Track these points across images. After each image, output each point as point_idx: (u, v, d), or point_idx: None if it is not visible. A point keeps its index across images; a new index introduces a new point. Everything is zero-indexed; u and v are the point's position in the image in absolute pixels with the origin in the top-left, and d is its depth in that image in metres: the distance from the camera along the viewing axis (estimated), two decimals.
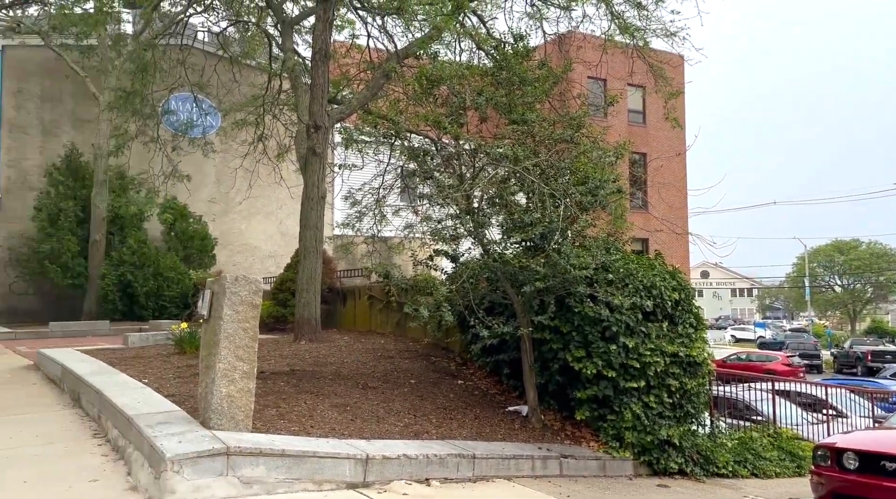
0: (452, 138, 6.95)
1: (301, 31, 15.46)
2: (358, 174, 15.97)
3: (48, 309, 19.80)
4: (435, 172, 7.54)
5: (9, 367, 10.21)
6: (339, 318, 14.32)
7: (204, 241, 21.57)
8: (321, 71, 10.62)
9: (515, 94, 7.30)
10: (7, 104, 20.35)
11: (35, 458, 5.38)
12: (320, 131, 10.76)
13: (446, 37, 10.94)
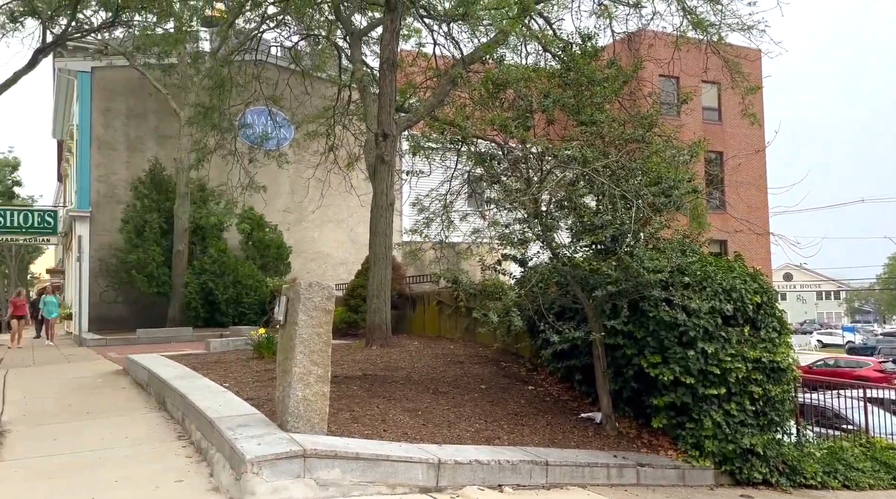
0: (519, 142, 6.91)
1: (369, 42, 15.77)
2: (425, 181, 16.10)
3: (135, 316, 20.85)
4: (502, 177, 7.51)
5: (101, 372, 10.80)
6: (408, 323, 14.46)
7: (279, 249, 22.24)
8: (388, 80, 10.78)
9: (584, 95, 7.19)
10: (96, 122, 21.61)
11: (125, 459, 5.65)
12: (388, 139, 10.91)
13: (512, 40, 10.92)
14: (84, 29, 15.75)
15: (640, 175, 6.92)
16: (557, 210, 7.37)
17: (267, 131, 14.76)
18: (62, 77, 22.55)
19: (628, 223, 6.58)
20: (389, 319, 11.32)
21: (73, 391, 8.99)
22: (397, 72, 11.24)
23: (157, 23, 15.20)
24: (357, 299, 14.73)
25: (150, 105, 22.17)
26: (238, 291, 20.25)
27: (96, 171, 21.61)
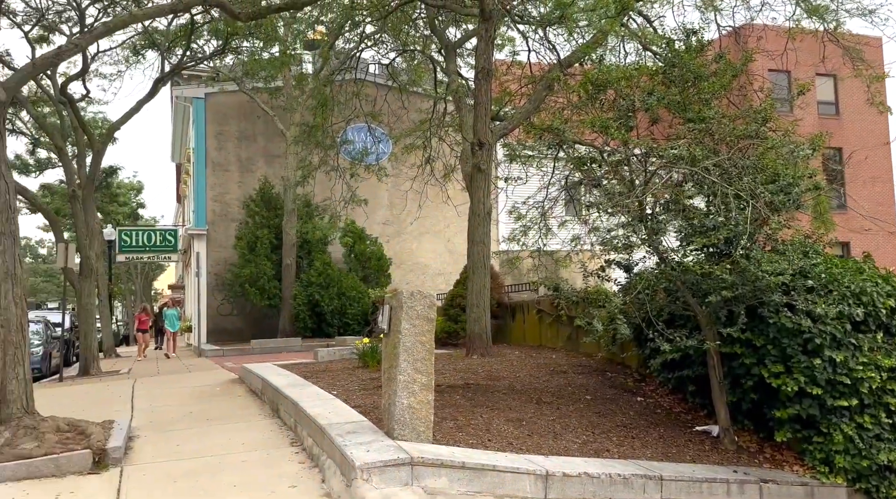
0: (621, 143, 6.69)
1: (463, 54, 15.91)
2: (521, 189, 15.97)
3: (249, 328, 21.93)
4: (603, 180, 7.29)
5: (219, 381, 11.38)
6: (508, 332, 14.34)
7: (380, 261, 22.75)
8: (484, 89, 10.80)
9: (690, 92, 6.87)
10: (210, 145, 23.01)
11: (242, 464, 5.89)
12: (484, 148, 10.90)
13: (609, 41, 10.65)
14: (197, 57, 16.83)
15: (755, 173, 6.51)
16: (664, 212, 7.07)
17: (367, 146, 15.18)
18: (179, 104, 24.20)
19: (743, 224, 6.20)
20: (490, 328, 11.27)
21: (194, 399, 9.51)
22: (492, 81, 11.23)
23: (263, 48, 16.00)
24: (456, 309, 14.78)
25: (258, 127, 23.37)
26: (342, 303, 20.87)
27: (211, 191, 22.98)
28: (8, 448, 5.85)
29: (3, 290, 6.33)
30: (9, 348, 6.34)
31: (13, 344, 6.36)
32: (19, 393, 6.36)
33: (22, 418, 6.28)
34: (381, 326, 6.23)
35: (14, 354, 6.36)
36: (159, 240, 27.62)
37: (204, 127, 22.93)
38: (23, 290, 6.51)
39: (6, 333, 6.33)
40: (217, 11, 15.34)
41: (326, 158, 14.15)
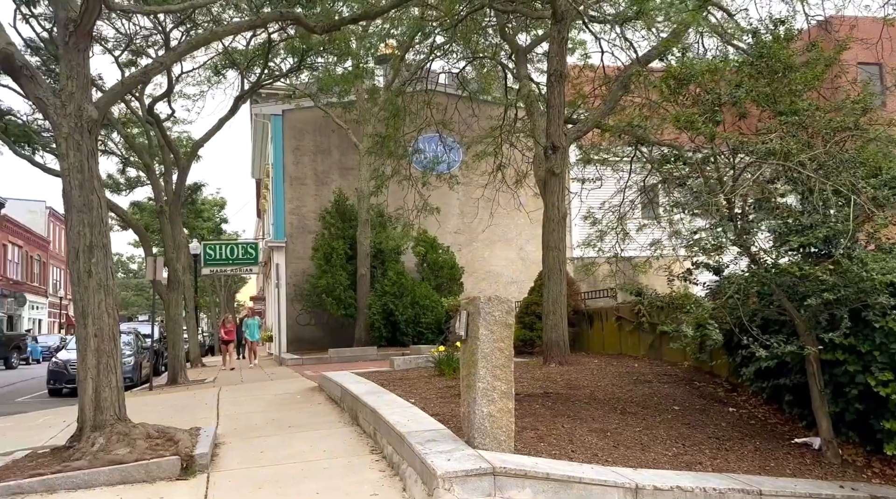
0: (707, 139, 6.36)
1: (532, 59, 15.74)
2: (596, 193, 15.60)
3: (326, 337, 22.33)
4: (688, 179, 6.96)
5: (300, 388, 11.57)
6: (585, 340, 13.98)
7: (452, 270, 22.74)
8: (557, 91, 10.60)
9: (780, 84, 6.47)
10: (288, 160, 23.66)
11: (324, 471, 5.90)
12: (558, 152, 10.68)
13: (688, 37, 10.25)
14: (275, 75, 17.34)
15: (855, 167, 6.05)
16: (755, 211, 6.67)
17: (438, 156, 15.19)
18: (258, 121, 25.04)
19: (843, 222, 5.76)
20: (567, 336, 10.99)
21: (276, 407, 9.69)
22: (565, 83, 11.01)
23: (336, 63, 16.32)
24: (531, 317, 14.54)
25: (333, 141, 23.89)
26: (416, 312, 20.95)
27: (289, 204, 23.62)
28: (102, 453, 6.07)
29: (96, 300, 6.61)
30: (102, 357, 6.60)
31: (106, 353, 6.62)
32: (112, 400, 6.61)
33: (115, 424, 6.52)
34: (458, 333, 6.13)
35: (107, 362, 6.61)
36: (241, 253, 28.56)
37: (282, 142, 23.62)
38: (114, 300, 6.78)
39: (99, 342, 6.60)
40: (293, 28, 15.79)
41: (399, 167, 14.25)
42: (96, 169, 6.71)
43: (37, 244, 57.35)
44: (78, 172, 6.54)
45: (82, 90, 6.50)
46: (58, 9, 6.44)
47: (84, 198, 6.57)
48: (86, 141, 6.56)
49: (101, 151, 19.88)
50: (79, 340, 6.70)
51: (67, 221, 6.67)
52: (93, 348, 6.58)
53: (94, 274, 6.62)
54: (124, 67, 16.70)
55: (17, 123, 16.02)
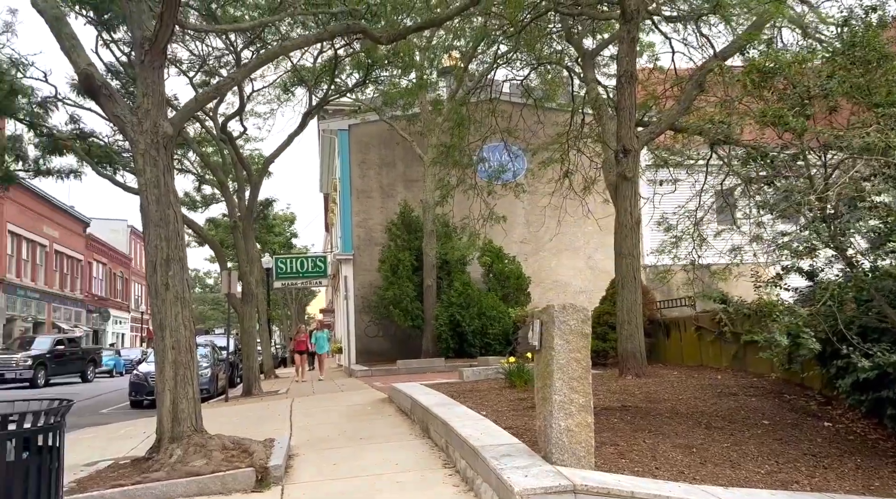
0: (796, 135, 5.94)
1: (598, 64, 15.41)
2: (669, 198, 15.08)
3: (394, 348, 22.39)
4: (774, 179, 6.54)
5: (369, 400, 11.56)
6: (662, 351, 13.44)
7: (519, 280, 22.44)
8: (627, 93, 10.27)
9: (874, 74, 6.01)
10: (354, 174, 23.99)
11: (396, 485, 5.78)
12: (630, 155, 10.33)
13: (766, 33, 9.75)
14: (341, 90, 17.60)
15: None
16: (849, 211, 6.20)
17: (503, 164, 15.01)
18: (325, 136, 25.52)
19: None
20: (644, 346, 10.57)
21: (347, 418, 9.68)
22: (635, 84, 10.66)
23: (401, 75, 16.42)
24: (603, 327, 14.12)
25: (397, 153, 24.09)
26: (483, 323, 20.75)
27: (356, 217, 23.91)
28: (180, 465, 6.14)
29: (173, 312, 6.73)
30: (179, 368, 6.71)
31: (183, 364, 6.73)
32: (189, 412, 6.71)
33: (192, 435, 6.60)
34: (532, 343, 5.91)
35: (184, 374, 6.72)
36: (311, 266, 29.11)
37: (348, 156, 23.97)
38: (191, 313, 6.89)
39: (177, 353, 6.72)
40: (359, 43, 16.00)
41: (464, 176, 14.15)
42: (172, 184, 6.87)
43: (119, 261, 60.23)
44: (154, 187, 6.70)
45: (157, 107, 6.67)
46: (134, 29, 6.65)
47: (161, 212, 6.72)
48: (161, 157, 6.73)
49: (178, 169, 20.67)
50: (157, 353, 6.85)
51: (145, 236, 6.84)
52: (170, 360, 6.70)
53: (171, 287, 6.75)
54: (198, 88, 17.30)
55: (100, 145, 16.81)
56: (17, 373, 23.91)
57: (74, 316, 48.33)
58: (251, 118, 20.66)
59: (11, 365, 24.11)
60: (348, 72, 17.83)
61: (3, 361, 24.37)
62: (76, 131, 16.00)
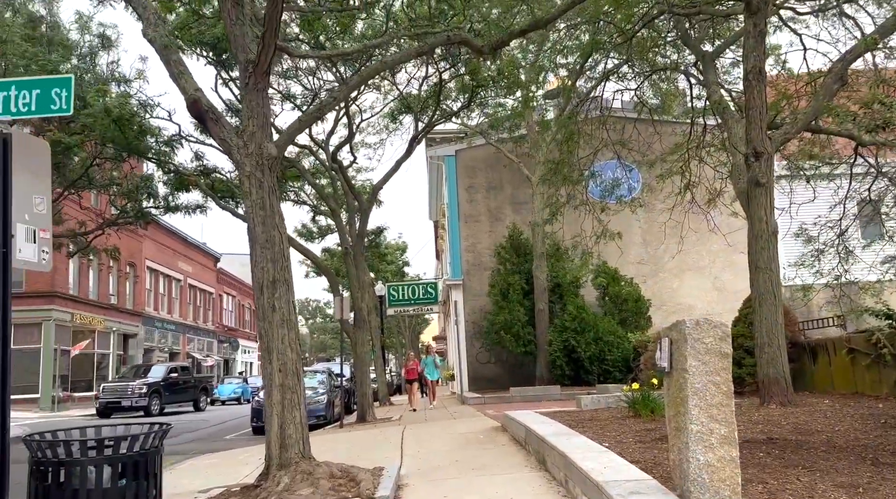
0: None
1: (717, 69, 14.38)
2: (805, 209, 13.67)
3: (506, 375, 21.80)
4: None
5: (482, 428, 11.07)
6: (808, 377, 12.02)
7: (637, 303, 21.27)
8: (757, 91, 9.33)
9: None
10: (462, 198, 23.86)
11: None
12: (762, 158, 9.35)
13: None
14: (446, 114, 17.54)
15: None
16: None
17: (617, 179, 14.21)
18: (432, 163, 25.67)
19: None
20: (788, 371, 9.41)
21: (459, 447, 9.24)
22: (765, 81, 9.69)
23: (506, 94, 16.12)
24: (738, 351, 12.81)
25: (504, 176, 23.76)
26: (600, 348, 19.77)
27: (464, 242, 23.71)
28: (287, 493, 5.92)
29: (279, 335, 6.61)
30: (286, 393, 6.54)
31: (290, 388, 6.57)
32: (297, 437, 6.51)
33: (299, 462, 6.39)
34: (661, 365, 5.23)
35: (290, 398, 6.55)
36: (422, 293, 29.12)
37: (455, 182, 23.91)
38: (297, 335, 6.75)
39: (283, 377, 6.57)
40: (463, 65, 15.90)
41: (574, 192, 13.50)
42: (277, 206, 6.81)
43: (248, 294, 63.64)
44: (260, 208, 6.66)
45: (262, 129, 6.66)
46: (238, 53, 6.71)
47: (266, 234, 6.66)
48: (267, 178, 6.69)
49: (294, 200, 21.38)
50: (264, 376, 6.74)
51: (252, 257, 6.80)
52: (277, 384, 6.56)
53: (278, 309, 6.64)
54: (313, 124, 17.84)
55: (222, 179, 17.65)
56: (133, 401, 24.35)
57: (206, 346, 51.39)
58: (362, 149, 21.17)
59: (127, 393, 24.65)
60: (454, 96, 17.77)
61: (121, 389, 24.97)
62: (200, 168, 16.88)
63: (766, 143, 9.42)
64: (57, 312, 29.38)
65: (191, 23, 12.23)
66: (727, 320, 15.82)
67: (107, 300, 34.74)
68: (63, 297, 29.99)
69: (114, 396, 24.15)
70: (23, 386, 28.55)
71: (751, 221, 9.64)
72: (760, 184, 9.39)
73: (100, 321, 33.49)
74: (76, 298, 31.26)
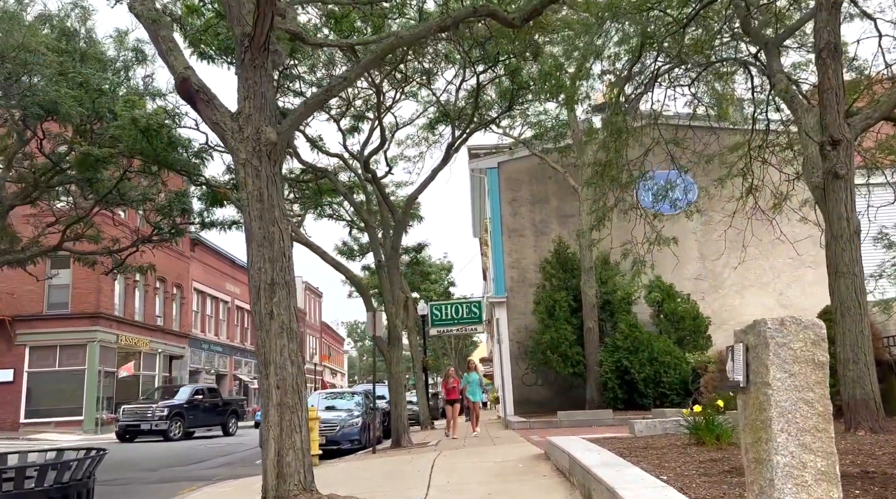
0: None
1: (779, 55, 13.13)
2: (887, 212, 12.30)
3: (554, 397, 20.50)
4: None
5: (522, 456, 9.96)
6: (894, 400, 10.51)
7: (696, 321, 19.77)
8: (832, 70, 8.13)
9: None
10: (505, 212, 22.85)
11: None
12: (840, 146, 8.12)
13: None
14: (485, 121, 16.67)
15: None
16: None
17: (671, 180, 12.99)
18: (474, 177, 24.80)
19: None
20: (878, 391, 8.05)
21: (495, 477, 8.17)
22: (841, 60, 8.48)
23: (548, 96, 15.16)
24: None
25: (550, 188, 22.68)
26: (656, 369, 18.35)
27: (508, 258, 22.65)
28: None
29: (278, 346, 5.75)
30: (285, 413, 5.66)
31: (289, 408, 5.68)
32: (297, 466, 5.60)
33: (299, 495, 5.47)
34: (734, 379, 4.13)
35: (290, 419, 5.66)
36: (465, 312, 28.14)
37: (498, 195, 22.96)
38: (299, 346, 5.87)
39: (282, 394, 5.69)
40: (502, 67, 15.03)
41: (623, 196, 12.35)
42: (278, 198, 6.00)
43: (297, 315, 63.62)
44: (257, 201, 5.86)
45: (260, 111, 5.88)
46: (234, 26, 5.98)
47: (264, 230, 5.85)
48: (265, 166, 5.90)
49: (331, 215, 20.73)
50: (261, 393, 5.88)
51: (248, 257, 5.99)
52: (275, 402, 5.68)
53: (276, 315, 5.80)
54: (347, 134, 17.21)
55: None
56: (154, 424, 22.42)
57: (254, 368, 51.38)
58: (401, 163, 20.41)
59: (147, 415, 22.74)
60: (493, 101, 16.92)
61: (141, 411, 23.09)
62: (232, 180, 16.40)
63: (844, 128, 8.19)
64: (102, 332, 29.47)
65: (215, 25, 11.71)
66: None
67: (153, 321, 34.86)
68: (108, 318, 30.11)
69: (134, 418, 22.82)
70: (68, 408, 28.60)
71: (828, 220, 8.37)
72: (839, 176, 8.14)
73: (145, 342, 33.56)
74: (121, 319, 31.38)
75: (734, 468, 6.13)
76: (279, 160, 6.06)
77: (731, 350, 4.19)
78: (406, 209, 16.33)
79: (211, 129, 5.98)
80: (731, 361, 4.19)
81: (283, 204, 6.06)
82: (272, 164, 5.97)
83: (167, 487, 10.99)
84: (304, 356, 63.36)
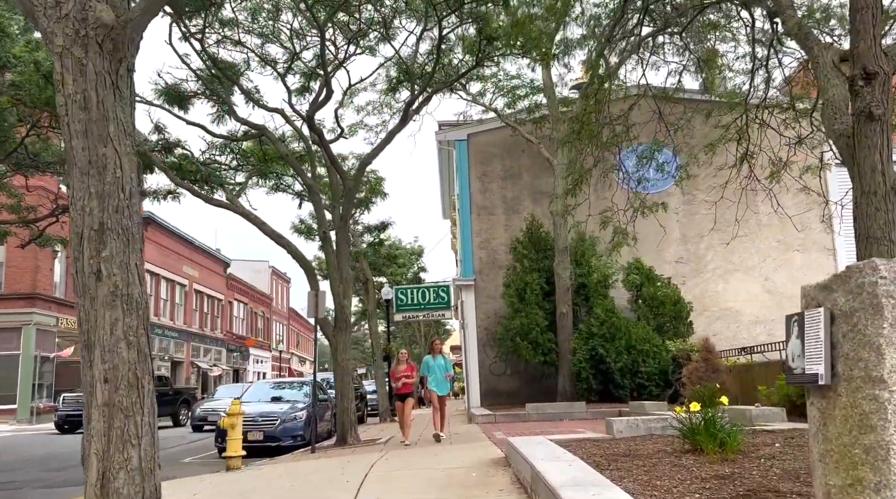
0: None
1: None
2: None
3: (524, 388, 18.97)
4: None
5: (479, 460, 8.27)
6: None
7: (676, 306, 18.30)
8: None
9: None
10: (474, 188, 21.12)
11: None
12: (876, 80, 6.50)
13: None
14: (451, 79, 14.86)
15: None
16: None
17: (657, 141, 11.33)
18: (443, 151, 22.99)
19: None
20: None
21: (438, 490, 6.48)
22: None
23: (520, 52, 13.42)
24: None
25: (523, 162, 21.00)
26: (633, 358, 16.86)
27: (477, 238, 20.96)
28: None
29: (107, 320, 3.94)
30: (116, 417, 3.86)
31: (122, 410, 3.88)
32: (130, 493, 3.79)
33: None
34: (809, 371, 2.43)
35: (122, 426, 3.86)
36: (433, 297, 26.41)
37: (467, 170, 21.20)
38: (141, 323, 4.05)
39: (111, 391, 3.89)
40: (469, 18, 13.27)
41: (604, 155, 10.65)
42: (116, 109, 4.16)
43: (260, 301, 61.48)
44: (80, 109, 4.03)
45: None
46: None
47: (90, 152, 4.03)
48: (94, 60, 4.07)
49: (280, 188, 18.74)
50: (84, 389, 4.06)
51: (70, 192, 4.15)
52: (100, 402, 3.89)
53: (107, 276, 3.98)
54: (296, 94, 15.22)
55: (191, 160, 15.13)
56: None
57: (214, 355, 49.15)
58: (361, 132, 18.57)
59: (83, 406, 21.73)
60: (461, 59, 15.12)
61: (83, 400, 21.96)
62: (161, 141, 14.40)
63: (881, 59, 6.57)
64: (39, 315, 27.20)
65: None
66: (779, 328, 12.90)
67: None
68: (46, 299, 27.83)
69: (75, 407, 21.31)
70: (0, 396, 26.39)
71: (857, 173, 6.75)
72: (874, 117, 6.52)
73: None
74: (61, 300, 29.08)
75: (752, 490, 4.51)
76: (122, 57, 4.21)
77: (797, 320, 2.50)
78: (358, 175, 14.46)
79: (17, 4, 4.15)
80: (795, 339, 2.48)
81: (129, 120, 4.22)
82: (107, 58, 4.12)
83: (59, 491, 9.18)
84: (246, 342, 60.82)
